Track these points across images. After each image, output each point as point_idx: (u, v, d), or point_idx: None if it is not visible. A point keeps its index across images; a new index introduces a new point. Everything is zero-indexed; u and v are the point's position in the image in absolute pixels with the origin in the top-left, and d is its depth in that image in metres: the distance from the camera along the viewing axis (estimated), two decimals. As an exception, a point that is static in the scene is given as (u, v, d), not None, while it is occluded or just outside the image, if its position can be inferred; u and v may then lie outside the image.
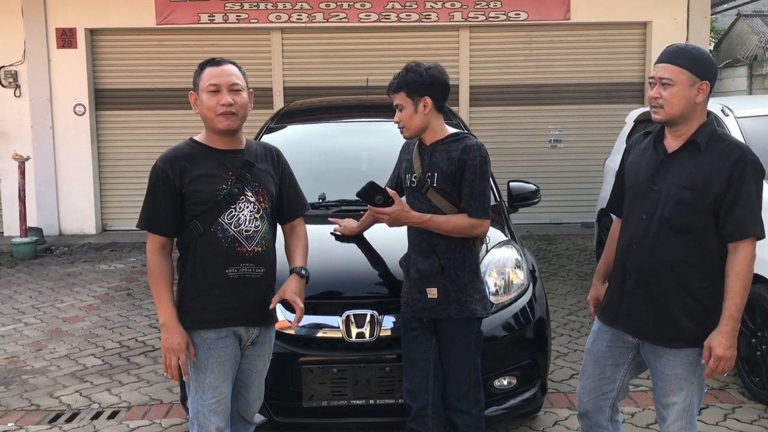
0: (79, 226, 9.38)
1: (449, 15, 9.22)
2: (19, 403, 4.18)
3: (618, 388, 2.69)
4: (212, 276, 2.55)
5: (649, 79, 2.52)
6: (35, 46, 9.12)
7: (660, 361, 2.52)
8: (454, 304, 2.88)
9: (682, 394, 2.51)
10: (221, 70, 2.57)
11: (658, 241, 2.45)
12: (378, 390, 3.19)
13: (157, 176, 2.55)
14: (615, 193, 2.77)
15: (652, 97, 2.44)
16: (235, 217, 2.55)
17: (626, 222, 2.60)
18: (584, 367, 2.77)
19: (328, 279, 3.35)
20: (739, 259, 2.35)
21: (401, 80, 2.88)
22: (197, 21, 9.17)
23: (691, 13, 9.20)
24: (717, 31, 19.13)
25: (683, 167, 2.44)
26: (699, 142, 2.42)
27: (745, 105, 5.11)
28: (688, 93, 2.39)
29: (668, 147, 2.50)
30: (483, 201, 2.87)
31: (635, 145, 2.68)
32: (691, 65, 2.39)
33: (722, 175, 2.36)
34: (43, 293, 6.62)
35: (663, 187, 2.46)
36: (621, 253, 2.60)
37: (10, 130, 9.27)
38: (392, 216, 2.83)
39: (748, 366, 4.08)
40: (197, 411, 2.61)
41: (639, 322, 2.53)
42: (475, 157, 2.84)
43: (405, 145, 3.15)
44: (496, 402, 3.29)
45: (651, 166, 2.51)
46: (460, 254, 2.89)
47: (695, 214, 2.40)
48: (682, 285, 2.44)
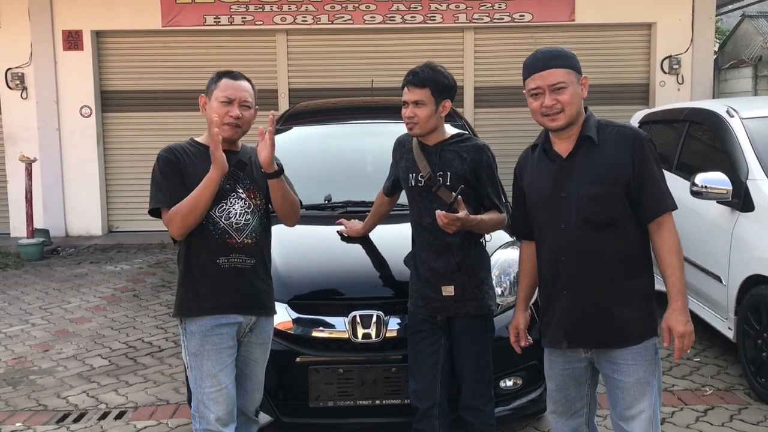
0: (85, 227, 9.42)
1: (454, 16, 9.23)
2: (26, 403, 4.21)
3: (587, 402, 2.62)
4: (205, 265, 2.71)
5: (531, 90, 2.41)
6: (42, 49, 9.16)
7: (619, 370, 2.43)
8: (472, 300, 2.90)
9: (646, 399, 2.43)
10: (237, 85, 2.74)
11: (585, 244, 2.40)
12: (384, 390, 3.20)
13: (164, 161, 2.70)
14: (518, 217, 2.67)
15: (547, 106, 2.37)
16: (226, 210, 2.70)
17: (543, 237, 2.52)
18: (549, 394, 2.67)
19: (333, 280, 3.37)
20: (667, 234, 2.37)
21: (428, 77, 2.85)
22: (203, 23, 9.20)
23: (696, 14, 9.20)
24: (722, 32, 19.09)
25: (585, 165, 2.41)
26: (591, 136, 2.41)
27: (750, 106, 5.10)
28: (578, 91, 2.41)
29: (561, 152, 2.46)
30: (502, 197, 2.99)
31: (526, 163, 2.60)
32: (571, 64, 2.41)
33: (626, 160, 2.36)
34: (49, 294, 6.65)
35: (570, 191, 2.41)
36: (549, 268, 2.50)
37: (17, 132, 9.31)
38: (463, 221, 2.74)
39: (754, 367, 4.07)
40: (197, 402, 2.71)
41: (589, 332, 2.44)
42: (489, 157, 2.95)
43: (398, 144, 3.15)
44: (501, 402, 3.29)
45: (551, 176, 2.46)
46: (474, 251, 2.93)
47: (611, 206, 2.38)
48: (616, 280, 2.40)
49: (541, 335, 2.61)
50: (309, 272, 3.43)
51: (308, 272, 3.42)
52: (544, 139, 2.53)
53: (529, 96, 2.44)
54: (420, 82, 2.86)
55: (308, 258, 3.48)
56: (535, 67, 2.41)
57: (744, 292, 4.16)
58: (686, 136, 5.34)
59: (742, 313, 4.15)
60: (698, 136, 5.30)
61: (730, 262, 4.30)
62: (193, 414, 2.75)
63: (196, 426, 2.74)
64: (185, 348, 2.77)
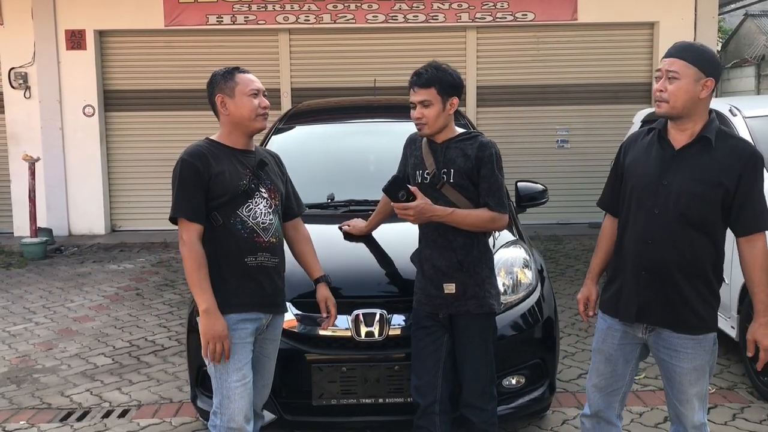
0: (88, 226, 9.44)
1: (456, 16, 9.23)
2: (30, 401, 4.22)
3: (627, 383, 2.74)
4: (233, 264, 2.72)
5: (656, 72, 2.55)
6: (45, 48, 9.18)
7: (678, 356, 2.56)
8: (473, 299, 2.91)
9: (700, 383, 2.58)
10: (254, 78, 2.85)
11: (675, 235, 2.49)
12: (387, 389, 3.20)
13: (186, 168, 2.68)
14: (610, 190, 2.77)
15: (657, 90, 2.49)
16: (253, 210, 2.75)
17: (633, 218, 2.60)
18: (594, 366, 2.78)
19: (337, 278, 3.35)
20: (759, 251, 2.47)
21: (432, 77, 2.86)
22: (205, 22, 9.21)
23: (698, 14, 9.19)
24: (724, 31, 19.08)
25: (695, 162, 2.48)
26: (710, 137, 2.47)
27: (753, 105, 5.11)
28: (693, 88, 2.44)
29: (675, 143, 2.53)
30: (501, 196, 2.93)
31: (635, 142, 2.69)
32: (698, 61, 2.44)
33: (734, 171, 2.43)
34: (53, 293, 6.67)
35: (673, 181, 2.49)
36: (633, 248, 2.58)
37: (20, 131, 9.34)
38: (417, 210, 2.82)
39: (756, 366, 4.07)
40: (221, 397, 2.70)
41: (660, 313, 2.55)
42: (492, 154, 2.91)
43: (409, 142, 3.15)
44: (504, 401, 3.30)
45: (659, 162, 2.54)
46: (476, 250, 2.92)
47: (707, 207, 2.46)
48: (698, 276, 2.51)
49: (605, 305, 2.71)
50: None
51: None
52: (663, 125, 2.58)
53: (655, 78, 2.55)
54: (425, 83, 2.86)
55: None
56: (669, 53, 2.50)
57: (746, 291, 4.14)
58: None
59: (745, 312, 4.15)
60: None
61: (732, 262, 4.28)
62: (215, 411, 2.72)
63: (215, 422, 2.71)
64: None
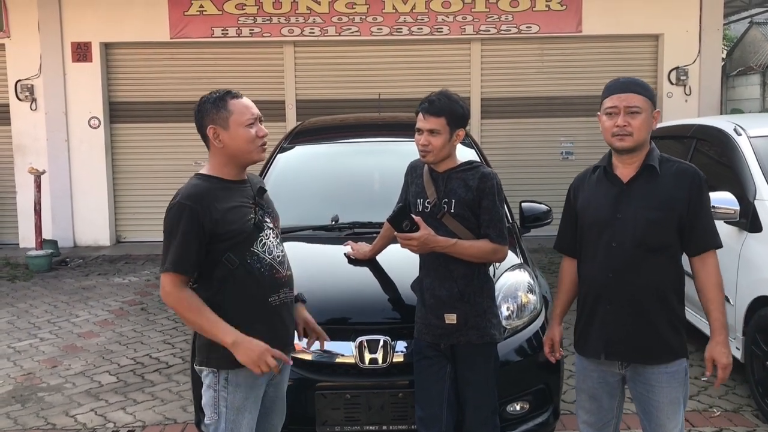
0: (93, 238, 9.47)
1: (461, 28, 9.24)
2: (35, 422, 4.23)
3: (616, 414, 2.78)
4: (256, 307, 2.48)
5: (607, 108, 2.56)
6: (51, 60, 9.23)
7: (653, 390, 2.58)
8: (474, 329, 2.90)
9: (677, 416, 2.60)
10: (249, 103, 2.53)
11: (637, 264, 2.53)
12: (391, 416, 3.20)
13: (183, 214, 2.39)
14: (566, 233, 2.83)
15: (619, 126, 2.51)
16: (266, 244, 2.54)
17: (592, 254, 2.64)
18: (580, 404, 2.82)
19: (340, 304, 3.37)
20: (712, 269, 2.55)
21: (444, 106, 2.86)
22: (211, 35, 9.24)
23: (703, 26, 9.18)
24: (730, 39, 19.05)
25: (645, 192, 2.55)
26: (654, 165, 2.56)
27: (758, 124, 5.05)
28: (650, 120, 2.55)
29: (622, 176, 2.60)
30: (502, 227, 2.93)
31: (582, 183, 2.75)
32: (651, 95, 2.57)
33: (682, 194, 2.52)
34: (58, 307, 6.68)
35: (627, 213, 2.55)
36: (595, 284, 2.62)
37: (26, 143, 9.38)
38: (421, 241, 2.82)
39: (762, 389, 4.06)
40: None
41: (628, 346, 2.57)
42: (493, 185, 2.91)
43: (411, 169, 3.15)
44: (509, 427, 3.28)
45: (610, 197, 2.60)
46: (477, 279, 2.92)
47: (665, 232, 2.53)
48: (662, 302, 2.55)
49: (577, 345, 2.74)
50: (315, 296, 3.40)
51: (315, 296, 3.40)
52: (607, 162, 2.65)
53: (604, 114, 2.59)
54: (436, 111, 2.85)
55: (315, 282, 3.47)
56: (616, 88, 2.57)
57: (752, 312, 4.14)
58: (693, 153, 5.30)
59: (750, 334, 4.14)
60: (705, 153, 5.25)
61: (737, 283, 4.28)
62: None
63: None
64: (223, 399, 2.48)
